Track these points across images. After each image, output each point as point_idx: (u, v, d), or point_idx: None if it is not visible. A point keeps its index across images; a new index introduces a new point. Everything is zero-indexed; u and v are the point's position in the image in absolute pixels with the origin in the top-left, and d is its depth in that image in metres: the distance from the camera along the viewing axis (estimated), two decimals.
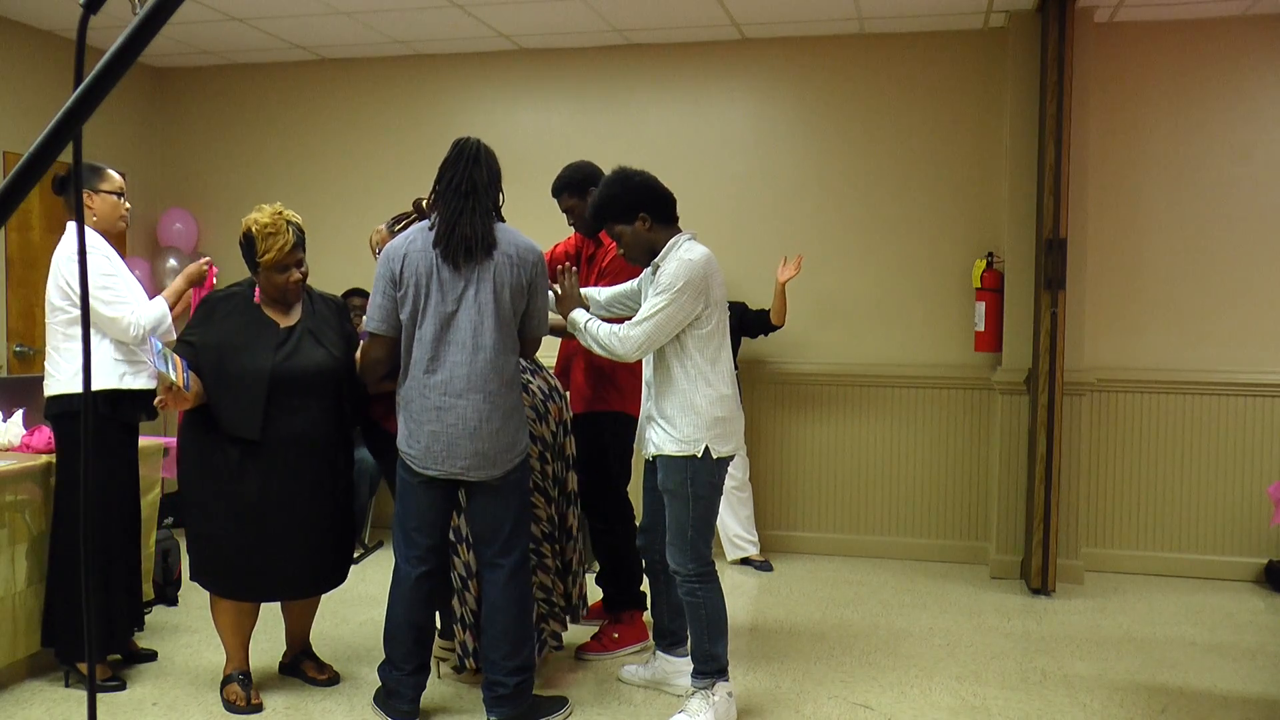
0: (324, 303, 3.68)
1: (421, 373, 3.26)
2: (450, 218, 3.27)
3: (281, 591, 3.63)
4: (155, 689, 3.77)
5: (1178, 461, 5.40)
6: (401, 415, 3.34)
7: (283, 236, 3.45)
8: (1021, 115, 5.28)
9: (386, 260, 3.31)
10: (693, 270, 3.30)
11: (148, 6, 0.89)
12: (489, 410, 3.26)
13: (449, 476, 3.30)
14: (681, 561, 3.40)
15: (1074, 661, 4.13)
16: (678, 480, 3.37)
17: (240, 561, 3.48)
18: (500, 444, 3.30)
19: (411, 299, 3.26)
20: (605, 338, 3.38)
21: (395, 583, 3.41)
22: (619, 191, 3.44)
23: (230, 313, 3.52)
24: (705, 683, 3.43)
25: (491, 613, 3.39)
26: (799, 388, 5.78)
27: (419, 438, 3.28)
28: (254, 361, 3.40)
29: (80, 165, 0.96)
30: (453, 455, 3.26)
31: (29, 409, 4.10)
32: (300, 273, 3.53)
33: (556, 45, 5.93)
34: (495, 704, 3.38)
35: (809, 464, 5.80)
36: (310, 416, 3.46)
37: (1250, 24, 5.26)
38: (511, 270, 3.30)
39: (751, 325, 5.42)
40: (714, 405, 3.35)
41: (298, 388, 3.44)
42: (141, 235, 6.33)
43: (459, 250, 3.24)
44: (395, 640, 3.40)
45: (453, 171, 3.34)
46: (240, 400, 3.39)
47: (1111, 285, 5.44)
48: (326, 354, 3.50)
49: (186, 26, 5.61)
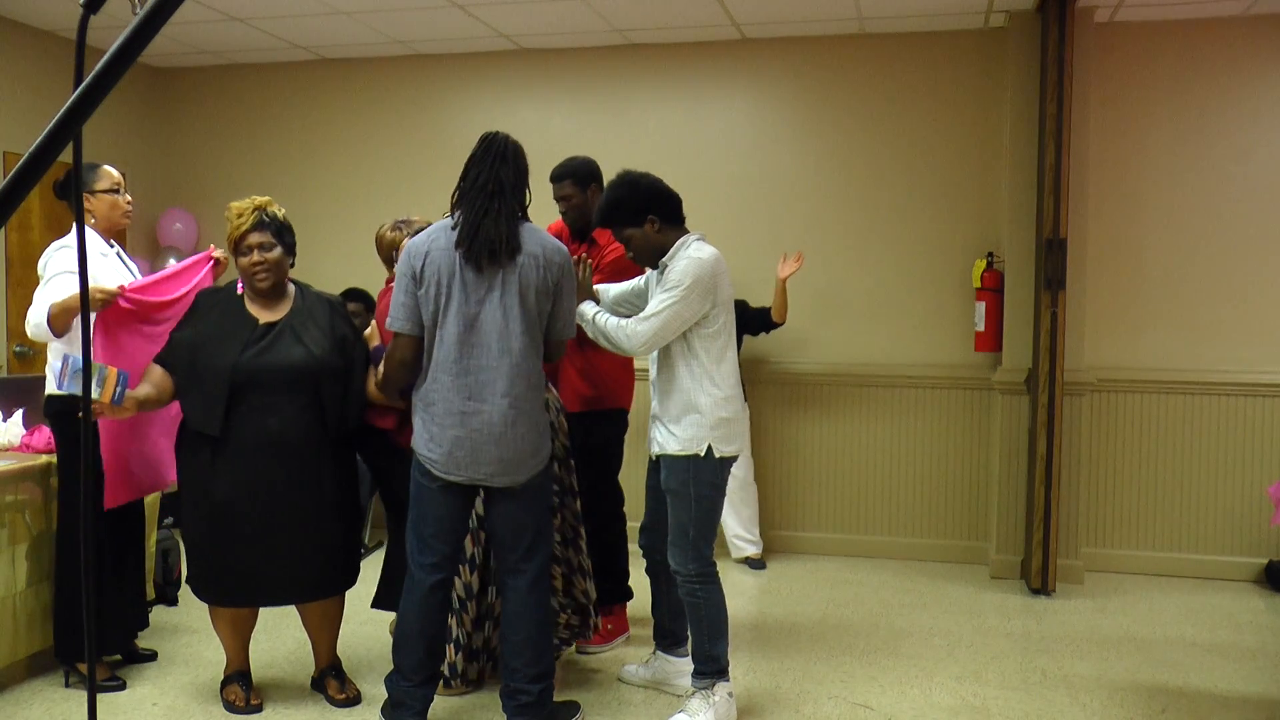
0: (318, 301, 3.58)
1: (445, 375, 3.15)
2: (474, 219, 3.15)
3: (264, 597, 3.50)
4: (155, 689, 3.77)
5: (1178, 461, 5.40)
6: (421, 417, 3.22)
7: (246, 216, 3.42)
8: (1021, 115, 5.28)
9: (408, 258, 3.20)
10: (701, 269, 3.30)
11: (148, 6, 0.89)
12: (514, 415, 3.17)
13: (472, 482, 3.23)
14: (682, 562, 3.39)
15: (1074, 661, 4.13)
16: (680, 480, 3.37)
17: (218, 564, 3.41)
18: (524, 449, 3.21)
19: (433, 298, 3.15)
20: (613, 331, 3.37)
21: (408, 590, 3.29)
22: (626, 194, 3.43)
23: (213, 307, 3.47)
24: (705, 683, 3.43)
25: (513, 620, 3.31)
26: (799, 387, 5.78)
27: (441, 442, 3.17)
28: (220, 357, 3.33)
29: (80, 165, 0.96)
30: (476, 461, 3.17)
31: (29, 409, 4.10)
32: (263, 256, 3.41)
33: (556, 45, 5.93)
34: (518, 713, 3.30)
35: (809, 464, 5.80)
36: (284, 416, 3.34)
37: (1250, 24, 5.26)
38: (538, 271, 3.20)
39: (752, 323, 5.40)
40: (718, 406, 3.35)
41: (268, 385, 3.34)
42: (141, 235, 6.33)
43: (482, 253, 3.13)
44: (406, 650, 3.28)
45: (479, 169, 3.21)
46: (203, 396, 3.33)
47: (1111, 285, 5.44)
48: (305, 352, 3.38)
49: (186, 26, 5.61)
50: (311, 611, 3.63)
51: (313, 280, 3.76)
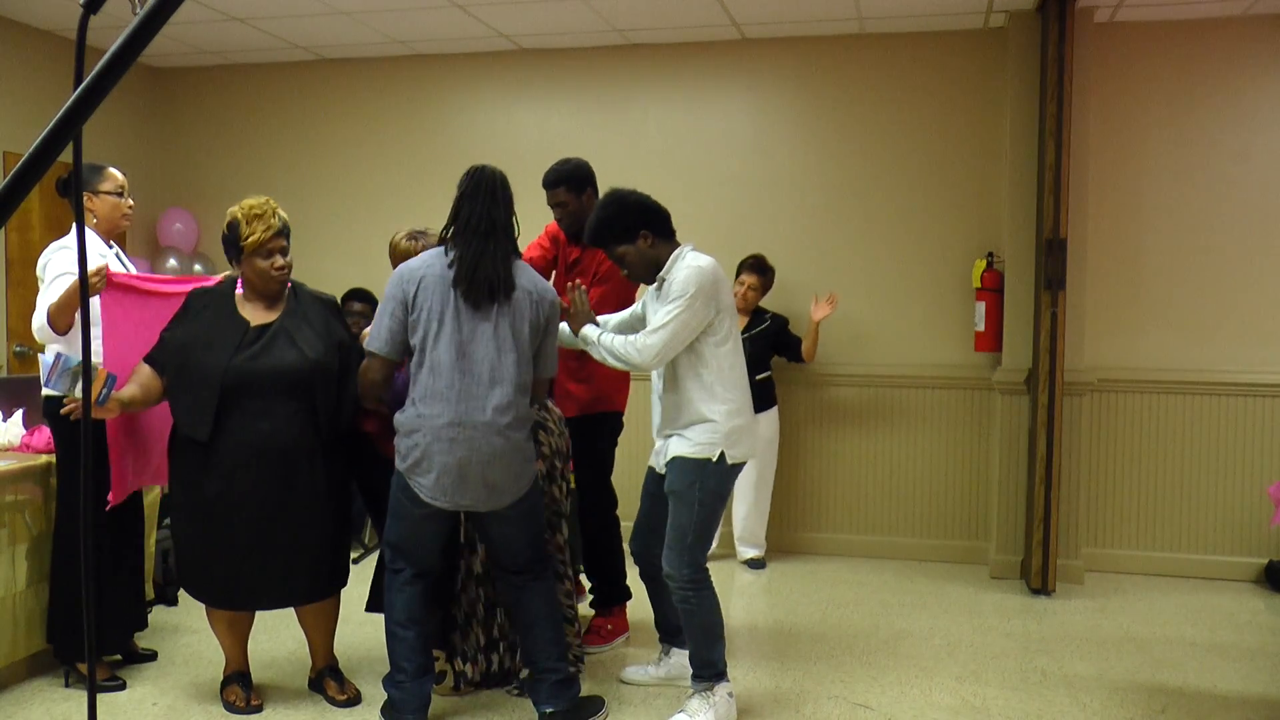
0: (312, 302, 3.53)
1: (435, 401, 3.17)
2: (471, 259, 3.21)
3: (255, 601, 3.49)
4: (155, 689, 3.77)
5: (1178, 461, 5.40)
6: (406, 440, 3.23)
7: (268, 220, 3.36)
8: (1021, 115, 5.28)
9: (400, 282, 3.23)
10: (703, 277, 3.31)
11: (148, 6, 0.89)
12: (502, 444, 3.21)
13: (458, 508, 3.27)
14: (677, 566, 3.37)
15: (1074, 661, 4.13)
16: (687, 482, 3.36)
17: (209, 567, 3.39)
18: (509, 475, 3.27)
19: (424, 324, 3.19)
20: (621, 349, 3.36)
21: (388, 586, 3.38)
22: (618, 213, 3.43)
23: (205, 308, 3.42)
24: (705, 685, 3.43)
25: (533, 622, 3.42)
26: (798, 387, 5.78)
27: (427, 468, 3.19)
28: (211, 361, 3.28)
29: (80, 165, 0.96)
30: (462, 488, 3.20)
31: (29, 409, 4.10)
32: (284, 261, 3.41)
33: (556, 45, 5.93)
34: (554, 691, 3.39)
35: (808, 464, 5.79)
36: (276, 420, 3.31)
37: (1250, 24, 5.26)
38: (531, 308, 3.28)
39: (785, 347, 5.48)
40: (731, 415, 3.36)
41: (261, 389, 3.30)
42: (141, 235, 6.33)
43: (481, 291, 3.20)
44: (395, 638, 3.35)
45: (470, 208, 3.26)
46: (193, 400, 3.29)
47: (1111, 285, 5.44)
48: (299, 355, 3.34)
49: (186, 26, 5.61)
50: (307, 612, 3.62)
51: (313, 280, 3.75)
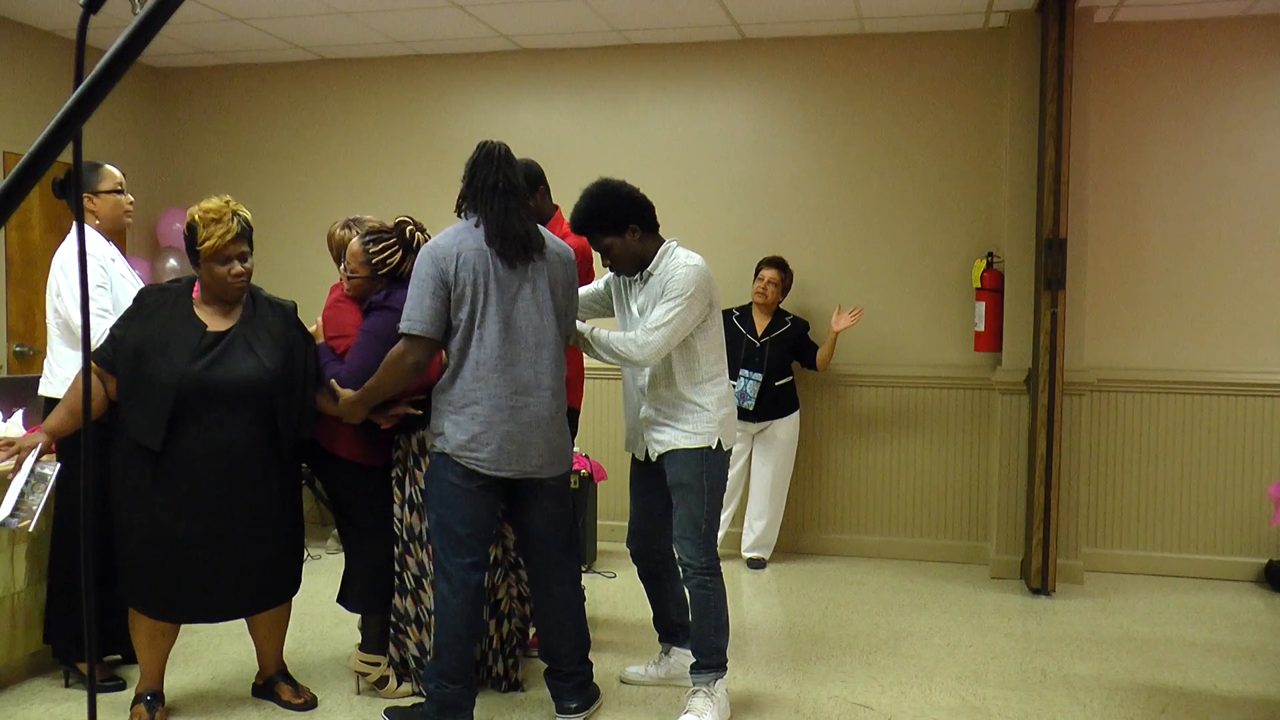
0: (270, 308, 3.42)
1: (490, 373, 3.15)
2: (497, 217, 3.17)
3: (206, 613, 3.37)
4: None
5: (1178, 461, 5.40)
6: (456, 418, 3.17)
7: (226, 224, 3.24)
8: (1021, 115, 5.28)
9: (435, 261, 3.14)
10: (700, 276, 3.38)
11: (148, 6, 0.89)
12: (555, 406, 3.28)
13: (522, 475, 3.26)
14: (695, 555, 3.43)
15: (1074, 661, 4.13)
16: (694, 473, 3.42)
17: (157, 579, 3.26)
18: (565, 439, 3.36)
19: (470, 299, 3.14)
20: (620, 346, 3.36)
21: (452, 593, 3.23)
22: (607, 204, 3.43)
23: (160, 306, 3.29)
24: (707, 678, 3.45)
25: (565, 609, 3.43)
26: (798, 387, 5.78)
27: (488, 440, 3.16)
28: (167, 368, 3.16)
29: (80, 165, 0.96)
30: (525, 454, 3.22)
31: (29, 409, 4.10)
32: (243, 267, 3.29)
33: (556, 45, 5.93)
34: (576, 691, 3.44)
35: (808, 463, 5.79)
36: (230, 429, 3.20)
37: (1250, 24, 5.26)
38: (563, 267, 3.33)
39: (803, 352, 5.49)
40: (720, 403, 3.45)
41: (218, 399, 3.19)
42: (141, 235, 6.33)
43: (515, 248, 3.18)
44: (453, 651, 3.24)
45: (485, 170, 3.22)
46: (146, 408, 3.17)
47: (1111, 285, 5.44)
48: (257, 363, 3.25)
49: (186, 26, 5.61)
50: (260, 620, 3.53)
51: (311, 282, 3.75)
